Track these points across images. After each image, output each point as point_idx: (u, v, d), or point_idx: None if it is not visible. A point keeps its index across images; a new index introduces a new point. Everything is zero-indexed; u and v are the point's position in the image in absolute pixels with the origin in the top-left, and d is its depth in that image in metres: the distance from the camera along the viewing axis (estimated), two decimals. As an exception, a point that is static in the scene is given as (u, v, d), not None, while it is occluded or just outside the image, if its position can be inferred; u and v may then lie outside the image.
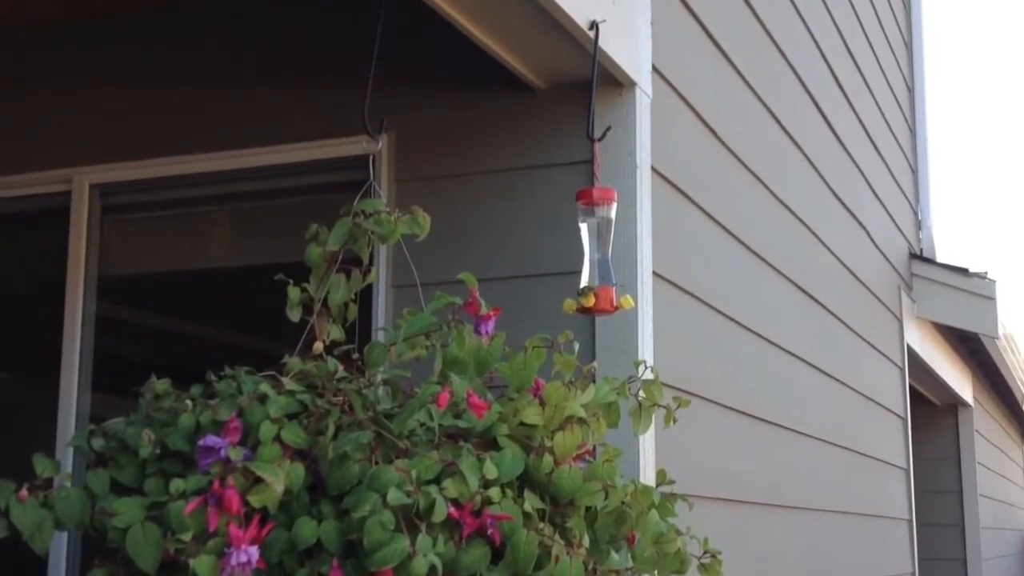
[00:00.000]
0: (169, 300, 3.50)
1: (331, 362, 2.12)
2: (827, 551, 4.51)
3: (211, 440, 1.79)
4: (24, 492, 1.77)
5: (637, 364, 2.15)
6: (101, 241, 3.38)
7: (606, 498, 1.94)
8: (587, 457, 2.03)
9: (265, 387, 1.88)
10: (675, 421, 2.13)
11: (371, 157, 2.66)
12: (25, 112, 3.47)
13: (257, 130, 3.13)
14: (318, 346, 2.17)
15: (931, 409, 8.80)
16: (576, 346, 2.07)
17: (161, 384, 2.16)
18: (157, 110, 3.28)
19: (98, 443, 1.96)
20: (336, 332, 2.21)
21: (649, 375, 2.12)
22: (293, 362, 2.17)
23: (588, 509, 1.98)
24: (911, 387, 6.57)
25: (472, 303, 2.01)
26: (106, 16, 3.35)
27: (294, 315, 2.16)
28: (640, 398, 2.11)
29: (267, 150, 3.11)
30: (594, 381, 2.13)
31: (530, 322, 2.71)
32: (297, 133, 3.08)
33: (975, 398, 9.35)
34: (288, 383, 1.95)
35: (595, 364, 2.10)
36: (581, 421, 1.97)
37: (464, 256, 2.83)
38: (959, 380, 8.51)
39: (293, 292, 2.14)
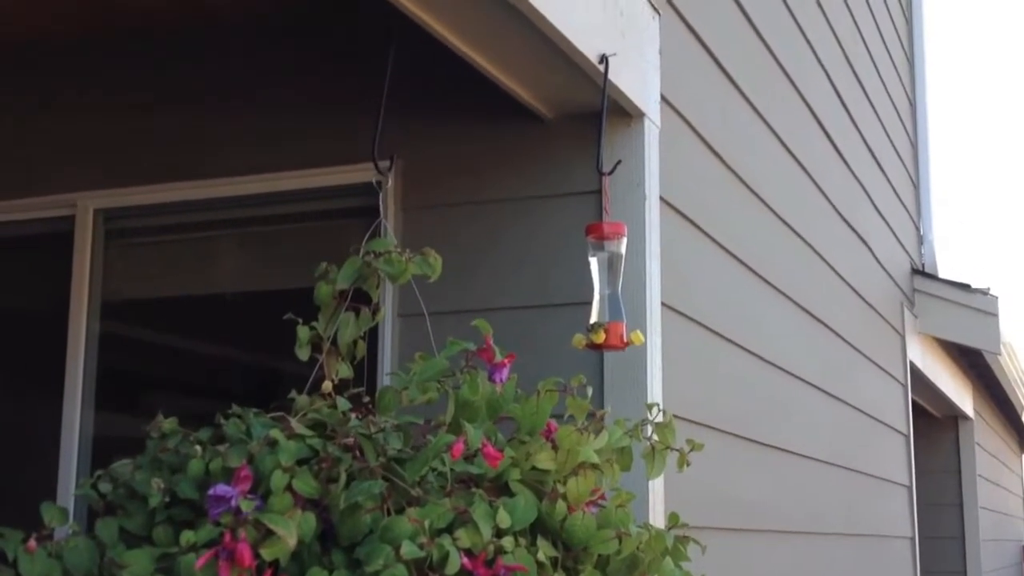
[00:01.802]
0: (172, 325, 3.48)
1: (342, 403, 2.10)
2: (830, 572, 4.49)
3: (221, 489, 1.77)
4: (32, 543, 1.75)
5: (650, 407, 2.13)
6: (105, 265, 3.36)
7: (620, 545, 1.92)
8: (600, 501, 2.01)
9: (275, 433, 1.86)
10: (688, 464, 2.11)
11: (380, 195, 2.63)
12: (29, 135, 3.45)
13: (263, 156, 3.11)
14: (327, 385, 2.15)
15: (931, 422, 8.78)
16: (589, 391, 2.05)
17: (168, 423, 2.14)
18: (162, 135, 3.26)
19: (105, 487, 1.94)
20: (345, 371, 2.20)
21: (661, 418, 2.10)
22: (302, 400, 2.15)
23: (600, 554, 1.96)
24: (912, 400, 6.56)
25: (486, 350, 1.99)
26: (112, 40, 3.33)
27: (303, 354, 2.14)
28: (653, 441, 2.09)
29: (273, 176, 3.10)
30: (601, 419, 2.11)
31: (538, 353, 2.70)
32: (303, 160, 3.06)
33: (975, 410, 9.33)
34: (298, 427, 1.93)
35: (609, 408, 2.08)
36: (594, 466, 1.95)
37: (471, 286, 2.81)
38: (959, 393, 8.49)
39: (302, 332, 2.12)
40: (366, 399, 2.03)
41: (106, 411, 3.34)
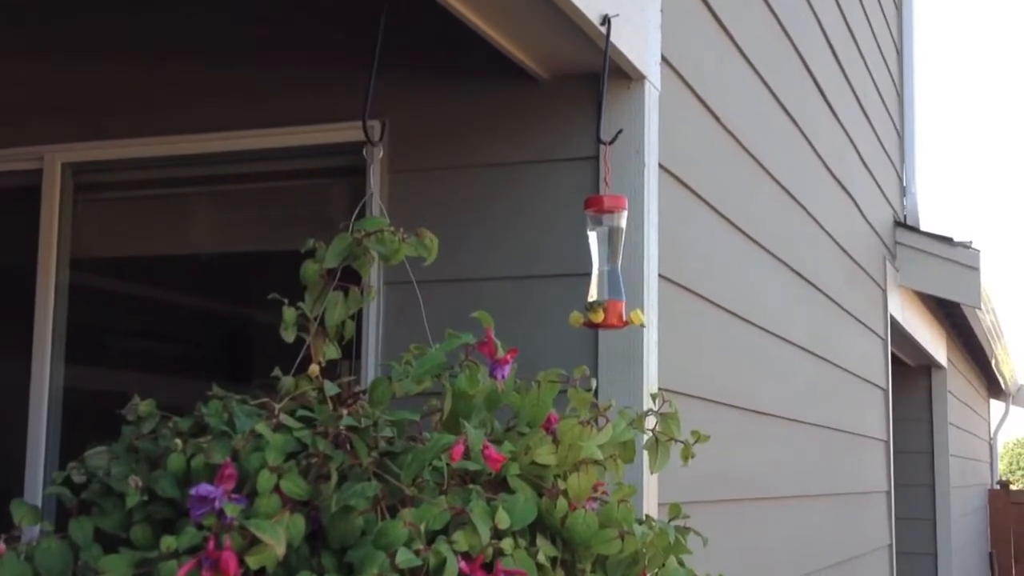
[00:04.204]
0: (142, 281, 3.35)
1: (328, 386, 1.99)
2: (814, 535, 4.46)
3: (204, 489, 1.66)
4: (1, 546, 1.64)
5: (655, 396, 2.03)
6: (74, 220, 3.22)
7: (622, 543, 1.84)
8: (601, 496, 1.92)
9: (261, 427, 1.75)
10: (693, 456, 2.02)
11: (368, 161, 2.50)
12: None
13: (240, 112, 2.96)
14: (314, 369, 2.04)
15: (904, 370, 8.77)
16: (594, 383, 1.95)
17: (144, 406, 2.02)
18: (134, 88, 3.10)
19: (79, 479, 1.83)
20: (332, 352, 2.08)
21: (667, 407, 2.00)
22: (287, 382, 2.04)
23: (601, 551, 1.87)
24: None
25: (488, 344, 1.88)
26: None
27: (288, 336, 2.02)
28: (657, 432, 1.99)
29: (250, 133, 2.95)
30: (605, 411, 2.01)
31: (528, 326, 2.60)
32: (283, 117, 2.91)
33: (948, 359, 9.34)
34: (285, 418, 1.82)
35: (613, 401, 1.98)
36: (596, 462, 1.85)
37: (459, 254, 2.69)
38: (935, 343, 8.48)
39: (288, 313, 2.00)
40: (358, 388, 1.92)
41: (74, 368, 3.22)
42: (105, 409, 2.59)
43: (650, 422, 2.06)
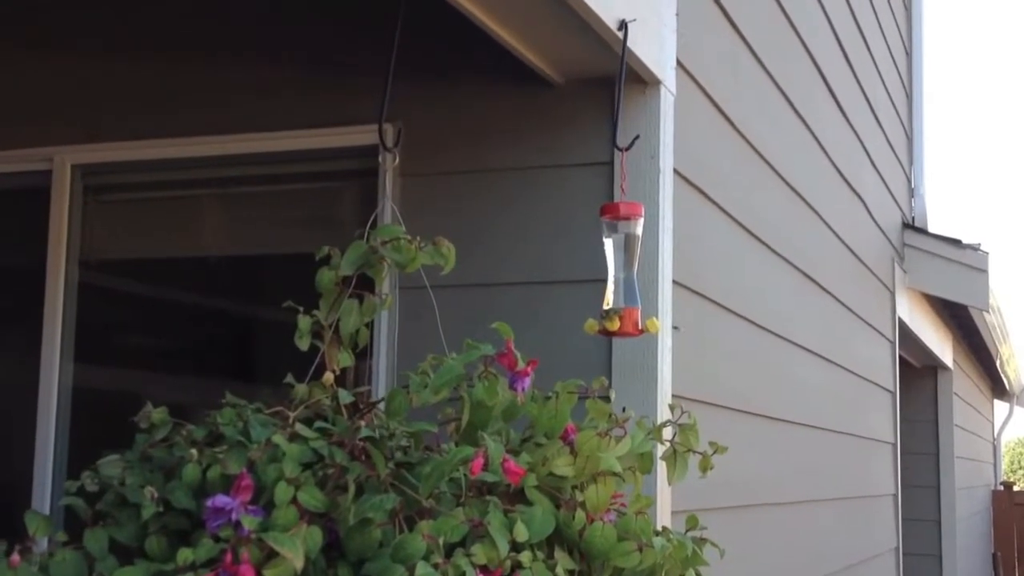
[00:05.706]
0: (151, 283, 3.34)
1: (342, 395, 1.98)
2: (824, 539, 4.44)
3: (220, 500, 1.64)
4: (16, 556, 1.62)
5: (672, 407, 2.01)
6: (83, 222, 3.20)
7: (640, 555, 1.82)
8: (619, 508, 1.90)
9: (278, 438, 1.74)
10: (712, 468, 2.00)
11: (380, 167, 2.48)
12: (5, 88, 3.25)
13: (251, 115, 2.94)
14: (328, 377, 2.02)
15: (910, 371, 8.74)
16: (612, 395, 1.93)
17: (157, 413, 2.01)
18: (144, 89, 3.08)
19: (92, 487, 1.82)
20: (346, 360, 2.07)
21: (685, 419, 1.98)
22: (300, 390, 2.03)
23: (618, 563, 1.86)
24: (897, 355, 6.48)
25: (507, 355, 1.86)
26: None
27: (303, 344, 2.00)
28: (675, 443, 1.98)
29: (262, 136, 2.93)
30: (623, 423, 2.00)
31: (541, 332, 2.58)
32: (296, 119, 2.89)
33: (954, 360, 9.31)
34: (300, 428, 1.81)
35: (632, 413, 1.97)
36: (615, 473, 1.84)
37: (472, 259, 2.66)
38: (941, 344, 8.45)
39: (303, 321, 1.98)
40: (371, 399, 1.90)
41: (83, 367, 3.21)
42: (113, 408, 2.57)
43: (667, 432, 2.05)
